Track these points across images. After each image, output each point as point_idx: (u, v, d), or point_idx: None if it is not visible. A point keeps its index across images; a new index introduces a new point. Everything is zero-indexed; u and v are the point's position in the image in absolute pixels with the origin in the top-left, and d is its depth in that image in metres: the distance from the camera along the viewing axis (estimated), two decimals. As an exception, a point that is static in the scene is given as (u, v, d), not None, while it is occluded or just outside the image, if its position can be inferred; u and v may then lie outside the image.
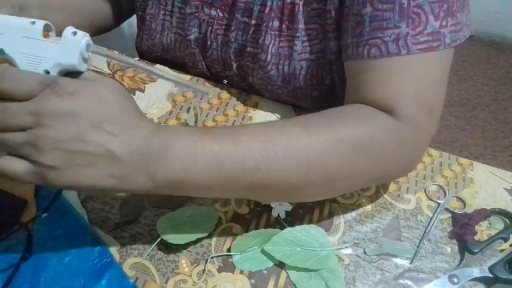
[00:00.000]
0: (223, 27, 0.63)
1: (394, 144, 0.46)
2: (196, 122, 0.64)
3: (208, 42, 0.65)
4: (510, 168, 0.60)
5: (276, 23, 0.58)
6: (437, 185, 0.57)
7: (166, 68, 0.72)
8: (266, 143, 0.42)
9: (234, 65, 0.65)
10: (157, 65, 0.72)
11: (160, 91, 0.68)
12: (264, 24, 0.58)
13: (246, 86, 0.68)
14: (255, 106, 0.66)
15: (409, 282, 0.49)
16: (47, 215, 0.49)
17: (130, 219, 0.52)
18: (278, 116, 0.66)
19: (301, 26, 0.57)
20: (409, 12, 0.45)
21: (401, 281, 0.49)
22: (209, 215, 0.52)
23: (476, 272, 0.49)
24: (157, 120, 0.64)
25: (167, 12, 0.67)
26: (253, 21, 0.60)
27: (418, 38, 0.46)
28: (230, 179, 0.41)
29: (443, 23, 0.46)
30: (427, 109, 0.47)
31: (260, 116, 0.65)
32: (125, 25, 0.84)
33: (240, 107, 0.66)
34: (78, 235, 0.50)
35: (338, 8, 0.52)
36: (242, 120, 0.65)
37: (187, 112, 0.65)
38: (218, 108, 0.66)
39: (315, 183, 0.44)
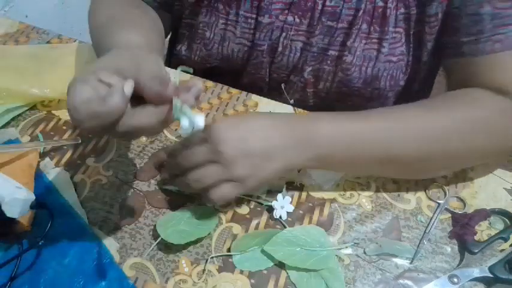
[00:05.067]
0: (301, 32, 0.63)
1: (510, 123, 0.52)
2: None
3: (280, 49, 0.64)
4: (510, 168, 0.60)
5: (365, 26, 0.60)
6: (437, 185, 0.57)
7: None
8: (391, 123, 0.50)
9: (308, 69, 0.65)
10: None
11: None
12: (355, 27, 0.60)
13: (302, 93, 0.69)
14: (255, 106, 0.66)
15: (409, 282, 0.49)
16: (47, 215, 0.49)
17: (131, 219, 0.53)
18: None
19: (391, 29, 0.60)
20: None
21: (401, 281, 0.49)
22: (209, 215, 0.52)
23: (476, 272, 0.49)
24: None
25: (229, 22, 0.64)
26: (339, 25, 0.61)
27: None
28: (362, 153, 0.50)
29: None
30: None
31: (260, 116, 0.65)
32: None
33: (240, 107, 0.66)
34: (77, 235, 0.50)
35: (446, 11, 0.56)
36: (242, 120, 0.64)
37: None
38: (218, 108, 0.66)
39: (435, 158, 0.51)
